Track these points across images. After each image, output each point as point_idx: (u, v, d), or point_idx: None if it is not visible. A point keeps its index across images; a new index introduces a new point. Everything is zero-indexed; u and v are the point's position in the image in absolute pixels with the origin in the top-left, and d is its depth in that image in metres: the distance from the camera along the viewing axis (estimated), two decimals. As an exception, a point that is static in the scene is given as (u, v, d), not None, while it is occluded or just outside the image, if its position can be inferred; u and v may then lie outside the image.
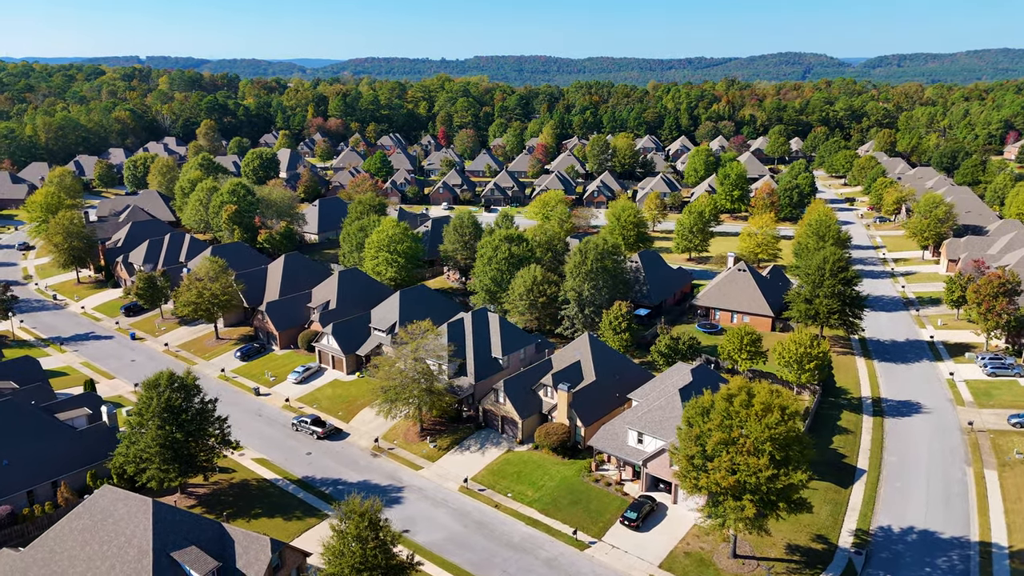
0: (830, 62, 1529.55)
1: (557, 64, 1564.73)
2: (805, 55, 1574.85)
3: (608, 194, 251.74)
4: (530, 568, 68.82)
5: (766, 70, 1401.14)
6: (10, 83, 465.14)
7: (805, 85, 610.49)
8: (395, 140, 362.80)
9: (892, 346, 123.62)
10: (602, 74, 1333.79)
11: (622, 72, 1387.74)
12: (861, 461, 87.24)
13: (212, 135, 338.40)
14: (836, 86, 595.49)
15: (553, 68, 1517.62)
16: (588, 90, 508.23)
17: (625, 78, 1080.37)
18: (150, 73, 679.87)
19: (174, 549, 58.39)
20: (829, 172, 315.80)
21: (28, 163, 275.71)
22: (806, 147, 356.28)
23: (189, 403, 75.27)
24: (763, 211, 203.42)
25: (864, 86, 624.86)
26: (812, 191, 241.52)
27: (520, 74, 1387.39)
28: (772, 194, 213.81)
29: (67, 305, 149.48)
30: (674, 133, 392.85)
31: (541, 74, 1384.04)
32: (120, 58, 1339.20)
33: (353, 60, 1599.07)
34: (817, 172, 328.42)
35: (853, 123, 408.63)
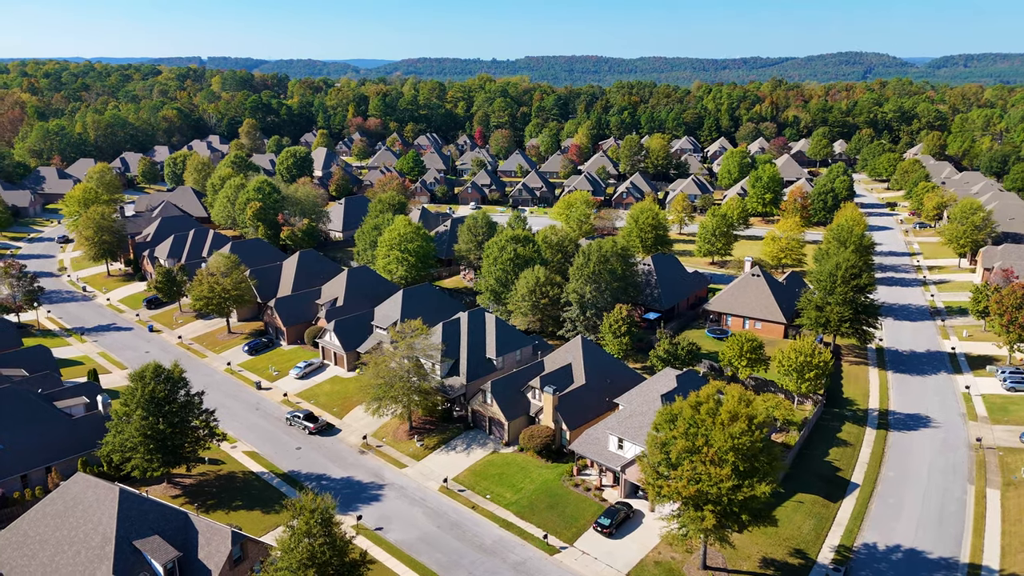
0: (892, 62, 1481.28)
1: (608, 64, 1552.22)
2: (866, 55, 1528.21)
3: (637, 196, 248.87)
4: (496, 572, 68.42)
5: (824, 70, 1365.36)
6: (68, 82, 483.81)
7: (857, 86, 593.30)
8: (431, 140, 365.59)
9: (910, 357, 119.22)
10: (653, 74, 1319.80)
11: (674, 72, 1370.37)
12: (856, 475, 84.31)
13: (254, 134, 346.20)
14: (891, 87, 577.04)
15: (604, 68, 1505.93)
16: (629, 90, 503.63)
17: (677, 78, 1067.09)
18: (203, 73, 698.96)
19: (137, 537, 59.82)
20: (872, 176, 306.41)
21: (76, 159, 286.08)
22: (850, 150, 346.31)
23: (174, 395, 76.96)
24: (793, 215, 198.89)
25: (921, 87, 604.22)
26: (849, 195, 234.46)
27: (570, 74, 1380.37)
28: (803, 197, 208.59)
29: (94, 297, 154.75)
30: (713, 134, 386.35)
31: (591, 74, 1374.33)
32: (183, 59, 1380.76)
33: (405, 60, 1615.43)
34: (859, 176, 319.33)
35: (903, 125, 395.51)
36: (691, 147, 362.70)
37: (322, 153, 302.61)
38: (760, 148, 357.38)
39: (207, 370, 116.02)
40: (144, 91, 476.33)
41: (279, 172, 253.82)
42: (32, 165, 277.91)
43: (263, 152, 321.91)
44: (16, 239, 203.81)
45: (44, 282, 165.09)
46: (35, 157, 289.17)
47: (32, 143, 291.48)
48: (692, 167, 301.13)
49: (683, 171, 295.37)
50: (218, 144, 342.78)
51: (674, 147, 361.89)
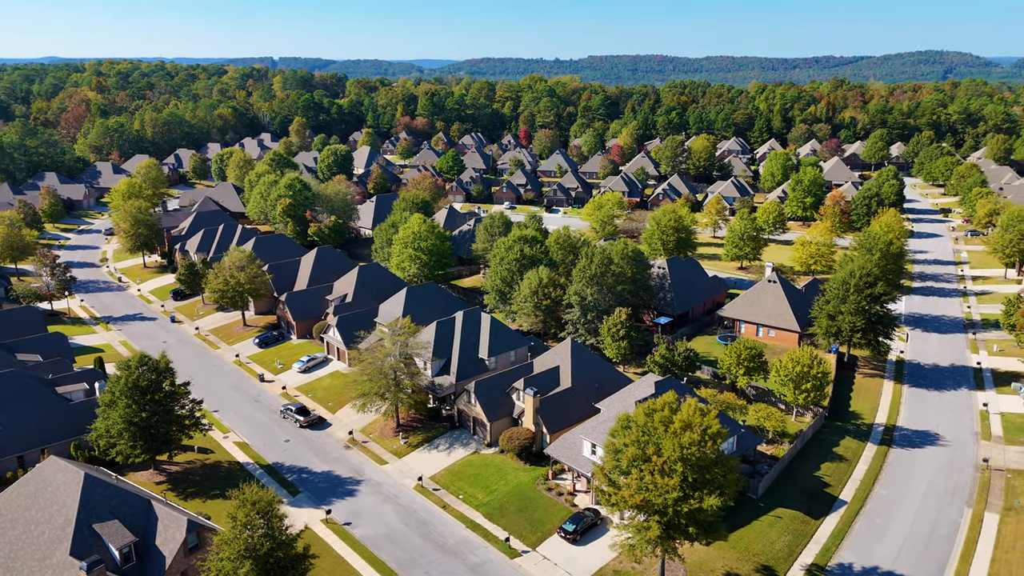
0: (976, 61, 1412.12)
1: (673, 63, 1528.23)
2: (947, 54, 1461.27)
3: (674, 197, 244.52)
4: (452, 572, 68.22)
5: (901, 70, 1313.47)
6: (134, 81, 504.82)
7: (925, 86, 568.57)
8: (475, 139, 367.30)
9: (931, 371, 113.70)
10: (719, 74, 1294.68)
11: (740, 72, 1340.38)
12: (845, 492, 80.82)
13: (303, 132, 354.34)
14: (963, 88, 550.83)
15: (668, 67, 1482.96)
16: (681, 90, 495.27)
17: (743, 78, 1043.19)
18: (266, 73, 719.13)
19: (98, 521, 61.86)
20: (928, 180, 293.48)
21: (133, 155, 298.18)
22: (907, 153, 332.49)
23: (159, 384, 79.26)
24: (830, 219, 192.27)
25: (995, 88, 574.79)
26: (898, 200, 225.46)
27: (634, 74, 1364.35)
28: (844, 202, 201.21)
29: (128, 287, 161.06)
30: (764, 135, 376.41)
31: (655, 74, 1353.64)
32: (256, 59, 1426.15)
33: (469, 60, 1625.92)
34: (915, 180, 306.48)
35: (968, 128, 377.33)
36: (739, 148, 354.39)
37: (365, 152, 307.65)
38: (812, 150, 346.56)
39: (217, 361, 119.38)
40: (205, 90, 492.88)
41: (320, 170, 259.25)
42: (91, 160, 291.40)
43: (310, 150, 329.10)
44: (67, 230, 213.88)
45: (85, 272, 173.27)
46: (95, 152, 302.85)
47: (93, 139, 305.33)
48: (736, 169, 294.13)
49: (726, 173, 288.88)
50: (269, 142, 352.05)
51: (721, 148, 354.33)
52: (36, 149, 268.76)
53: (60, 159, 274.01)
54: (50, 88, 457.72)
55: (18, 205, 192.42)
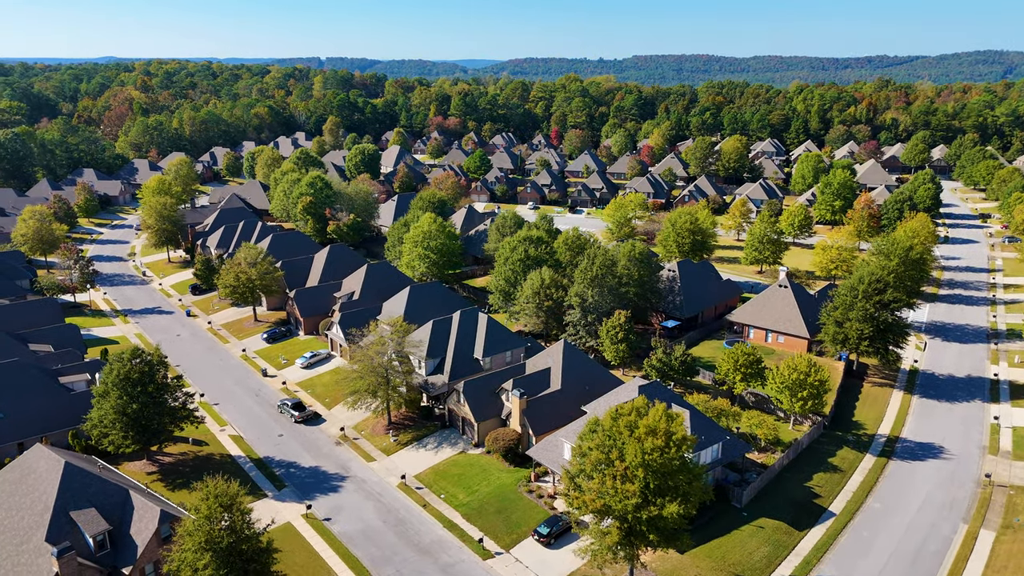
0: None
1: (719, 63, 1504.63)
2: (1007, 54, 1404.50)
3: (702, 199, 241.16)
4: (423, 571, 68.28)
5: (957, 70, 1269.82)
6: (177, 81, 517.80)
7: (975, 87, 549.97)
8: (505, 139, 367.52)
9: (945, 381, 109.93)
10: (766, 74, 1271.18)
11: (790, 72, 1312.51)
12: (836, 504, 78.58)
13: (336, 131, 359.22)
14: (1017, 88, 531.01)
15: (715, 67, 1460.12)
16: (719, 90, 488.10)
17: (792, 78, 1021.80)
18: (308, 73, 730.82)
19: (75, 509, 63.51)
20: (968, 184, 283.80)
21: (170, 153, 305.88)
22: (948, 156, 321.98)
23: (151, 377, 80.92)
24: (858, 223, 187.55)
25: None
26: (933, 204, 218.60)
27: (679, 74, 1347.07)
28: (872, 206, 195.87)
29: (151, 281, 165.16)
30: (800, 137, 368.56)
31: (701, 74, 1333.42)
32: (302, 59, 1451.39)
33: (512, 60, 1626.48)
34: (955, 184, 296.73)
35: (1016, 131, 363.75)
36: (773, 150, 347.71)
37: (395, 151, 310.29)
38: (849, 152, 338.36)
39: (225, 355, 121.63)
40: (245, 90, 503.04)
41: (348, 168, 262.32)
42: (130, 157, 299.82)
43: (342, 149, 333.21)
44: (101, 225, 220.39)
45: (112, 266, 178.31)
46: (135, 150, 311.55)
47: (133, 137, 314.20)
48: (767, 171, 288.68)
49: (757, 175, 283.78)
50: (303, 141, 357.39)
51: (755, 150, 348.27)
52: (77, 146, 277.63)
53: (100, 156, 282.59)
54: (97, 87, 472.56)
55: (53, 200, 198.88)
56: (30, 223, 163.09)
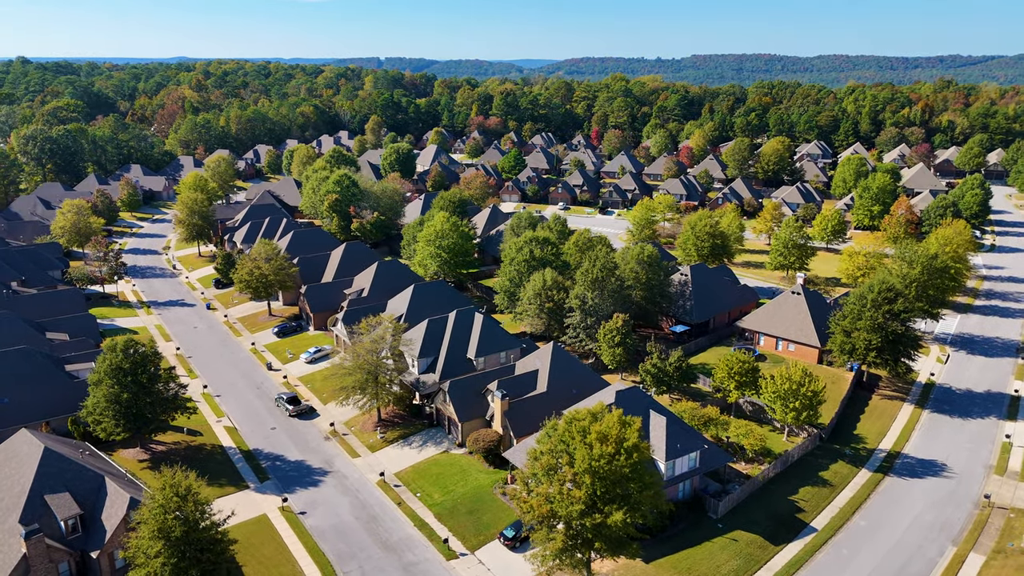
0: None
1: (781, 63, 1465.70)
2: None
3: (735, 201, 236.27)
4: (384, 569, 68.64)
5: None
6: (230, 80, 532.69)
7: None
8: (545, 139, 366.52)
9: (962, 396, 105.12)
10: (831, 74, 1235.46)
11: (856, 71, 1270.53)
12: (819, 519, 75.92)
13: (378, 130, 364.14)
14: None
15: (776, 67, 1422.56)
16: (769, 90, 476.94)
17: (858, 77, 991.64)
18: (359, 72, 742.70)
19: (50, 493, 65.90)
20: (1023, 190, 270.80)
21: (215, 150, 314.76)
22: (1005, 160, 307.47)
23: (143, 368, 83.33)
24: (894, 228, 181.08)
25: None
26: (981, 210, 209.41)
27: (739, 73, 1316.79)
28: (911, 211, 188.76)
29: (179, 275, 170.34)
30: (850, 139, 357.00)
31: (762, 74, 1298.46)
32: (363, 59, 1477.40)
33: (569, 60, 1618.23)
34: (1010, 190, 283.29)
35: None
36: (819, 152, 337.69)
37: (432, 150, 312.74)
38: (900, 155, 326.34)
39: (236, 347, 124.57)
40: (294, 89, 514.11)
41: (382, 167, 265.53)
42: (178, 154, 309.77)
43: (383, 148, 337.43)
44: (143, 219, 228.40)
45: (146, 259, 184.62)
46: (184, 147, 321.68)
47: (182, 134, 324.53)
48: (808, 173, 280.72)
49: (798, 177, 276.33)
50: (346, 139, 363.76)
51: (800, 152, 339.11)
52: (127, 143, 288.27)
53: (149, 153, 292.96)
54: (154, 86, 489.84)
55: (96, 194, 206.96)
56: (68, 216, 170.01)
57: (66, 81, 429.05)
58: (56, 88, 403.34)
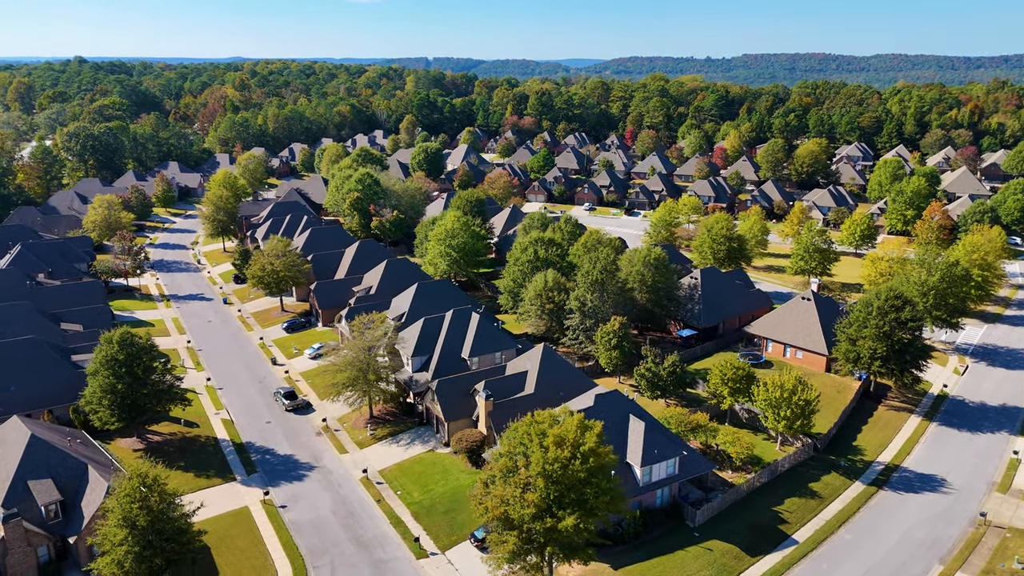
0: None
1: (836, 62, 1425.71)
2: None
3: (765, 204, 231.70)
4: (354, 565, 69.12)
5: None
6: (272, 80, 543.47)
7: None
8: (578, 139, 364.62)
9: (974, 409, 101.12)
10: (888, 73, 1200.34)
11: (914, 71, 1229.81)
12: (801, 532, 73.82)
13: (412, 130, 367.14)
14: None
15: (831, 66, 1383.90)
16: (812, 90, 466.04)
17: (916, 77, 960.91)
18: (402, 72, 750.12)
19: (33, 478, 68.19)
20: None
21: (251, 147, 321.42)
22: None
23: (138, 360, 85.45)
24: (928, 234, 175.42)
25: None
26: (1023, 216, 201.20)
27: (791, 73, 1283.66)
28: (943, 217, 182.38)
29: (203, 269, 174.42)
30: (893, 141, 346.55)
31: (816, 73, 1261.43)
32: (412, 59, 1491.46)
33: (616, 60, 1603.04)
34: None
35: None
36: (860, 154, 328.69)
37: (462, 150, 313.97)
38: (944, 158, 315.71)
39: (245, 342, 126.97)
40: (334, 88, 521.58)
41: (411, 166, 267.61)
42: (216, 152, 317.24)
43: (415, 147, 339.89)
44: (176, 215, 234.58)
45: (174, 253, 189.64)
46: (222, 145, 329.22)
47: (221, 133, 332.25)
48: (844, 176, 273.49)
49: (833, 180, 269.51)
50: (381, 139, 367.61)
51: (840, 154, 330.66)
52: (167, 140, 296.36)
53: (187, 150, 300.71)
54: (199, 85, 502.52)
55: (130, 190, 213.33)
56: (99, 211, 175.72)
57: (115, 80, 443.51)
58: (105, 87, 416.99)
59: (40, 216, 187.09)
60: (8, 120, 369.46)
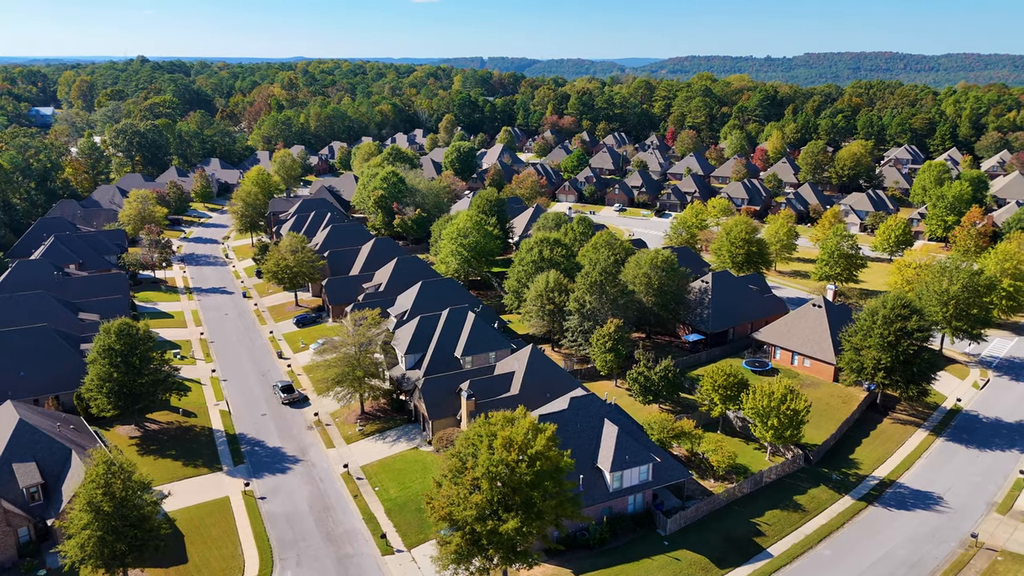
0: None
1: (904, 61, 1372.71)
2: None
3: (801, 207, 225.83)
4: (319, 559, 69.86)
5: None
6: (320, 79, 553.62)
7: None
8: (617, 139, 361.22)
9: (988, 425, 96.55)
10: (959, 73, 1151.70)
11: (988, 71, 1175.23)
12: (778, 545, 71.60)
13: (451, 129, 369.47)
14: None
15: (898, 66, 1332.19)
16: (866, 90, 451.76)
17: (989, 78, 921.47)
18: (450, 72, 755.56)
19: (17, 461, 70.96)
20: None
21: (292, 145, 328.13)
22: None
23: (133, 350, 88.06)
24: (967, 241, 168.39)
25: None
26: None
27: (855, 72, 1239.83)
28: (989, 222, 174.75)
29: (230, 264, 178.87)
30: (947, 143, 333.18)
31: (882, 72, 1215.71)
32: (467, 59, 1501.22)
33: (673, 59, 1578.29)
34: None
35: None
36: (909, 157, 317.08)
37: (497, 149, 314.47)
38: (999, 162, 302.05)
39: (256, 335, 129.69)
40: (379, 88, 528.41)
41: (444, 165, 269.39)
42: (259, 149, 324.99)
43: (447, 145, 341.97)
44: (213, 210, 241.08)
45: (206, 247, 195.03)
46: (265, 143, 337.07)
47: (264, 131, 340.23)
48: (888, 179, 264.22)
49: (876, 183, 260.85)
50: (420, 138, 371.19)
51: (889, 156, 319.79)
52: (211, 138, 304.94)
53: (231, 147, 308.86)
54: (250, 84, 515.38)
55: (169, 186, 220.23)
56: (134, 205, 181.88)
57: (169, 79, 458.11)
58: (159, 86, 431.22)
59: (81, 210, 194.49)
60: (65, 116, 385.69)
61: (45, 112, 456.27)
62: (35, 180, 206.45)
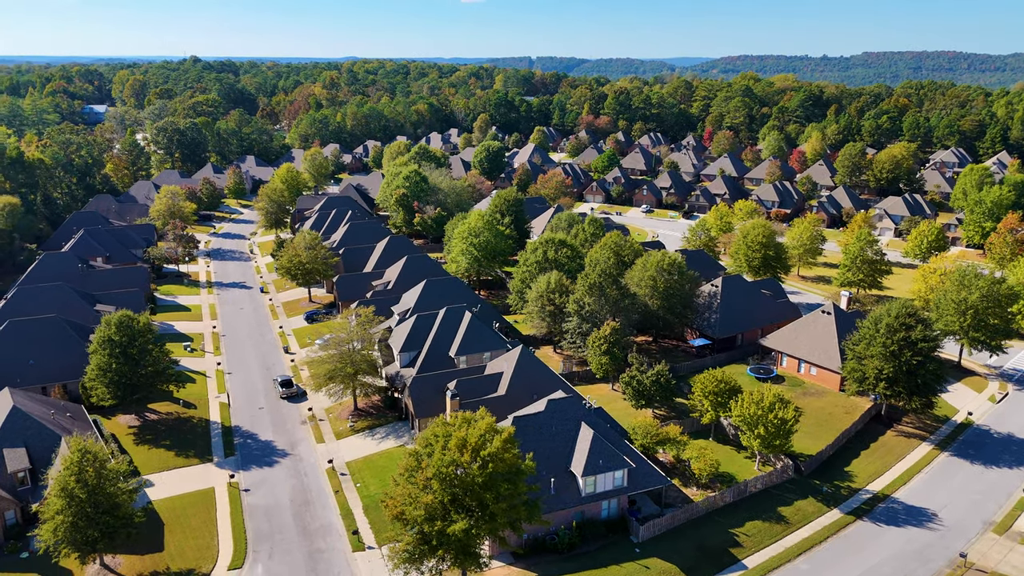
0: None
1: (968, 60, 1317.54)
2: None
3: (833, 211, 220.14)
4: (291, 552, 70.66)
5: None
6: (361, 78, 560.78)
7: None
8: (652, 139, 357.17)
9: (998, 441, 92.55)
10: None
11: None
12: (754, 557, 69.77)
13: (486, 128, 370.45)
14: None
15: (961, 66, 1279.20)
16: (917, 91, 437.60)
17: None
18: (492, 71, 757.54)
19: (8, 446, 73.57)
20: None
21: (328, 143, 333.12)
22: None
23: (132, 341, 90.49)
24: (1003, 248, 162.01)
25: None
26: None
27: (916, 72, 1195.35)
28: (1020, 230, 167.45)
29: (254, 259, 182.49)
30: (997, 147, 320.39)
31: (945, 72, 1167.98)
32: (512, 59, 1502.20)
33: (724, 58, 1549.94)
34: None
35: None
36: (956, 160, 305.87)
37: (529, 149, 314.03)
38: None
39: (267, 330, 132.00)
40: (418, 87, 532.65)
41: (473, 164, 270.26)
42: (295, 147, 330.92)
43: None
44: (245, 206, 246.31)
45: (233, 242, 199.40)
46: (302, 141, 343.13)
47: (302, 129, 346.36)
48: (929, 183, 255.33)
49: (916, 187, 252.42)
50: (455, 137, 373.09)
51: (934, 159, 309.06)
52: (249, 136, 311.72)
53: (268, 145, 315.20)
54: (292, 83, 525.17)
55: (202, 182, 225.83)
56: (164, 200, 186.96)
57: (215, 79, 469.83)
58: (204, 84, 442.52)
59: (116, 204, 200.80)
60: (115, 114, 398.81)
61: (99, 110, 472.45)
62: (76, 175, 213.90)
